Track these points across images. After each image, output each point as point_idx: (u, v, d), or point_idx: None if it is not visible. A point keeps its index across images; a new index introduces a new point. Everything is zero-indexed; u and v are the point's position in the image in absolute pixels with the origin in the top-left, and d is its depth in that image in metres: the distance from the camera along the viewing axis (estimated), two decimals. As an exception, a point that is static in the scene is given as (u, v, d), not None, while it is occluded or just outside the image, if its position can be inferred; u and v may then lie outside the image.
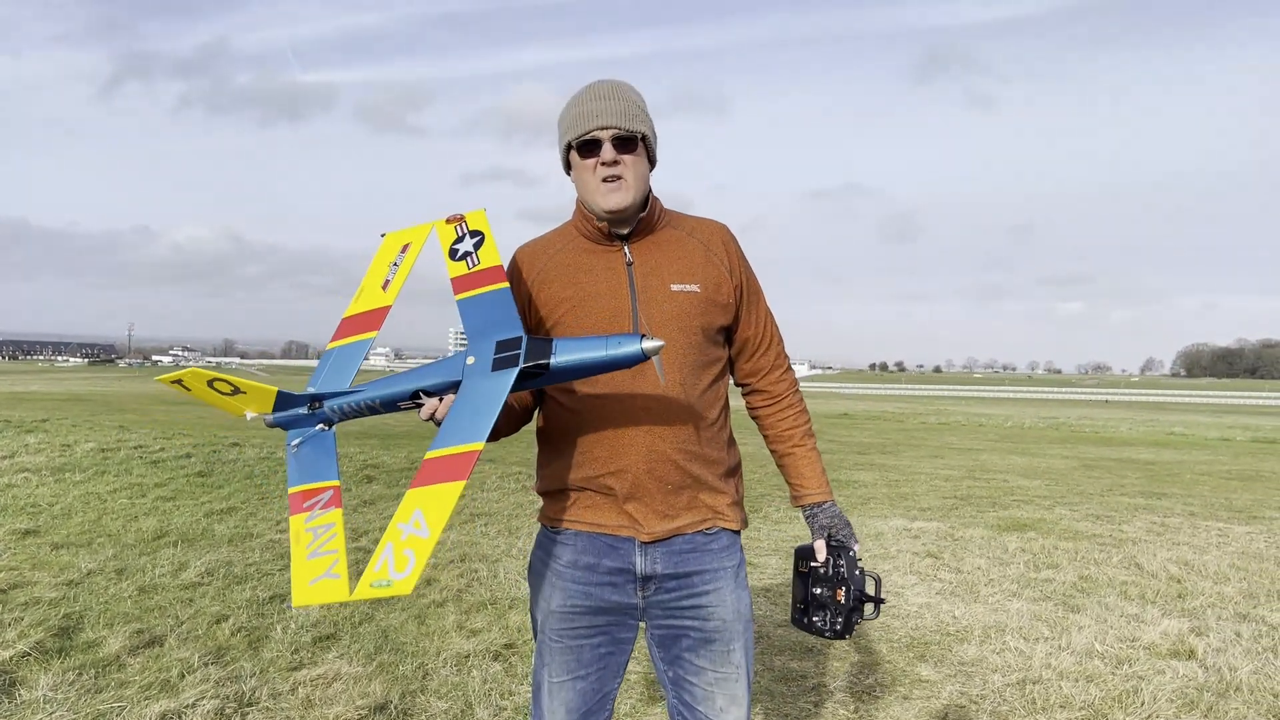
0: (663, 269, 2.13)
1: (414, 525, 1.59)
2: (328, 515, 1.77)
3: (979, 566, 6.61)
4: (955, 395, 62.37)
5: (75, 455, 11.31)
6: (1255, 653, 4.72)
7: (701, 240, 2.20)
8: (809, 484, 2.23)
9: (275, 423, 2.06)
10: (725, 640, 2.13)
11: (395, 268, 2.18)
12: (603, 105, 2.08)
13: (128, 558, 6.16)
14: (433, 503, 1.62)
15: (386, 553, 1.56)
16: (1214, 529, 8.50)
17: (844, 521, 2.20)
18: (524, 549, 6.78)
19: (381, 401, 2.01)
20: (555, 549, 2.17)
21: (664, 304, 2.10)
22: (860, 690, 4.18)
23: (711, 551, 2.14)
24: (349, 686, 4.01)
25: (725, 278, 2.17)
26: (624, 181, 2.08)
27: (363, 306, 2.16)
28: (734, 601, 2.15)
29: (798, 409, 2.28)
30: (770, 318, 2.28)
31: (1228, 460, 16.62)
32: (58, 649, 4.31)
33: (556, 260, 2.18)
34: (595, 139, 2.07)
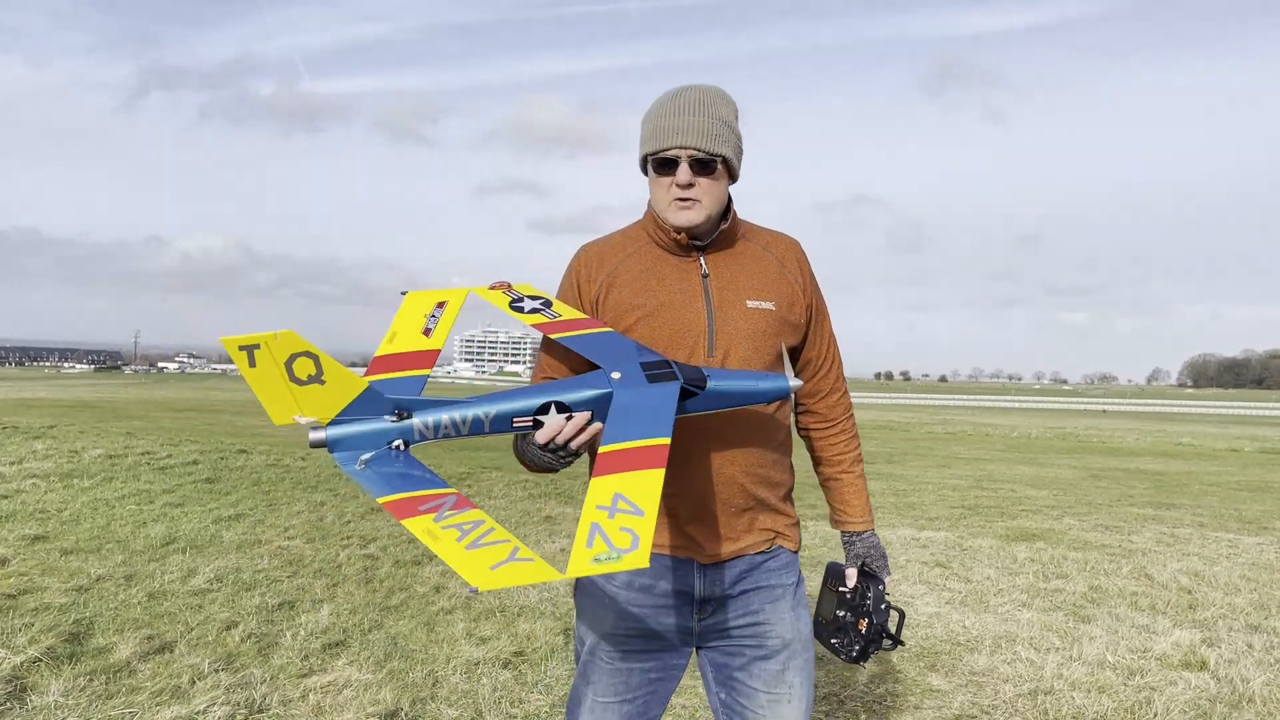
0: (739, 283, 2.06)
1: (619, 506, 1.51)
2: (468, 515, 1.60)
3: (988, 576, 6.59)
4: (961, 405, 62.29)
5: (83, 461, 11.33)
6: (1267, 664, 4.70)
7: (776, 256, 2.13)
8: (852, 511, 2.20)
9: (334, 439, 1.72)
10: (781, 660, 2.08)
11: (434, 319, 2.08)
12: (686, 121, 1.96)
13: (136, 564, 6.17)
14: (634, 486, 1.55)
15: (595, 531, 1.47)
16: (1224, 540, 8.46)
17: (880, 552, 2.18)
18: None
19: (496, 417, 1.78)
20: None
21: (739, 320, 2.02)
22: (871, 700, 4.17)
23: (770, 570, 2.10)
24: (359, 693, 4.01)
25: (799, 296, 2.11)
26: (696, 203, 1.99)
27: (402, 348, 2.01)
28: (792, 621, 2.10)
29: (850, 434, 2.24)
30: (834, 340, 2.23)
31: (1236, 471, 16.56)
32: (68, 655, 4.31)
33: (628, 265, 2.08)
34: (673, 158, 1.98)
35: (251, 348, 1.61)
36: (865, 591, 2.12)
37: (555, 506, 9.22)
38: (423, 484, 1.67)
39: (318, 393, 1.68)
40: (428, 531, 1.54)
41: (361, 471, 1.70)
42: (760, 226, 2.19)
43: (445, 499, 1.63)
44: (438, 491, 1.65)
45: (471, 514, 1.59)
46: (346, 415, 1.72)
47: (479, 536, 1.53)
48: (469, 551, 1.50)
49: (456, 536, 1.53)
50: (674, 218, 2.00)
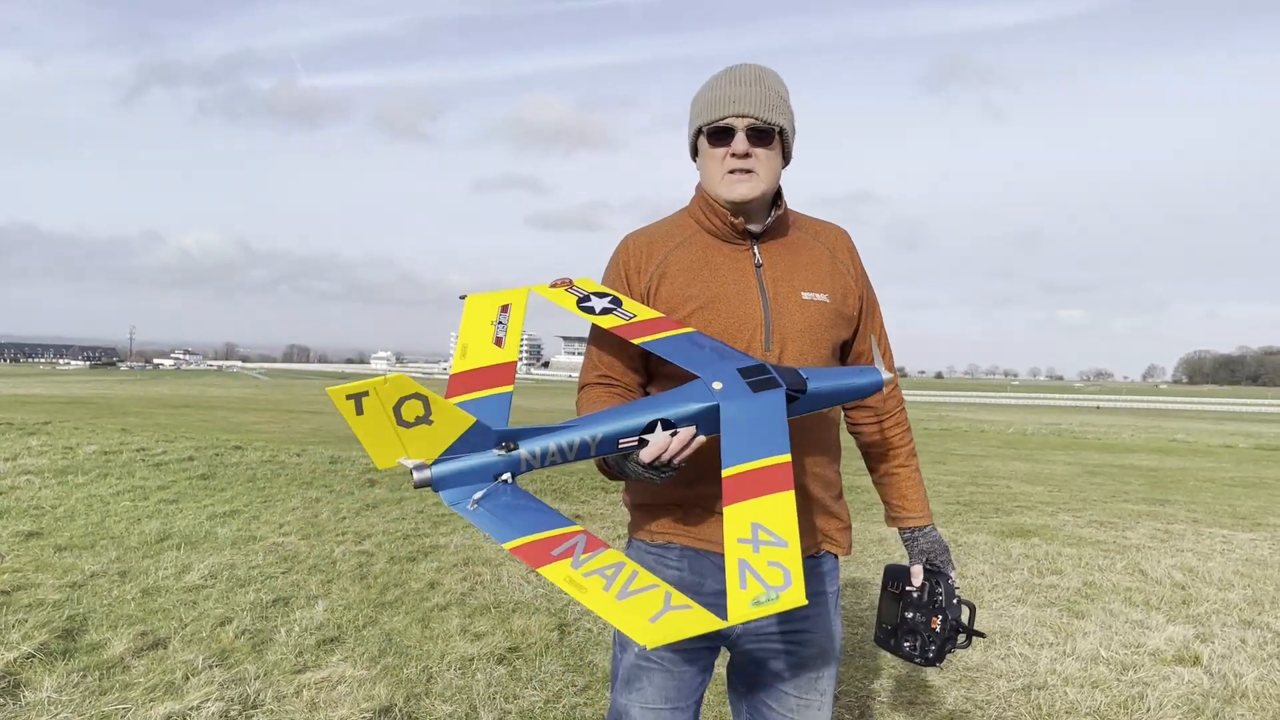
0: (794, 275, 1.98)
1: (760, 537, 1.46)
2: (603, 557, 1.53)
3: (983, 572, 6.60)
4: (957, 401, 62.37)
5: (77, 458, 11.31)
6: (1260, 659, 4.71)
7: (827, 246, 2.07)
8: (912, 506, 2.12)
9: (439, 477, 1.65)
10: (816, 667, 2.04)
11: (502, 325, 2.00)
12: (742, 91, 1.91)
13: (131, 560, 6.16)
14: (770, 514, 1.50)
15: (745, 568, 1.42)
16: (1218, 535, 8.49)
17: (943, 546, 2.11)
18: (527, 553, 6.76)
19: (602, 440, 1.72)
20: (656, 564, 2.01)
21: (795, 313, 1.95)
22: (865, 695, 4.17)
23: (817, 575, 2.05)
24: (353, 689, 4.01)
25: (852, 288, 2.05)
26: (754, 175, 1.91)
27: (478, 363, 1.92)
28: (831, 629, 2.07)
29: (904, 427, 2.17)
30: (885, 331, 2.16)
31: (1230, 467, 16.60)
32: (62, 651, 4.31)
33: (679, 254, 2.00)
34: (729, 126, 1.91)
35: (359, 395, 1.54)
36: (935, 588, 2.04)
37: (551, 503, 9.19)
38: (545, 523, 1.62)
39: (424, 433, 1.62)
40: (570, 581, 1.48)
41: (475, 512, 1.64)
42: (807, 215, 2.12)
43: (575, 539, 1.58)
44: (564, 531, 1.60)
45: (608, 555, 1.54)
46: (451, 452, 1.66)
47: (625, 583, 1.48)
48: (621, 602, 1.44)
49: (603, 585, 1.47)
50: (728, 191, 1.92)
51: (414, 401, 1.58)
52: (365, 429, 1.58)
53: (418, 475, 1.63)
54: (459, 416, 1.64)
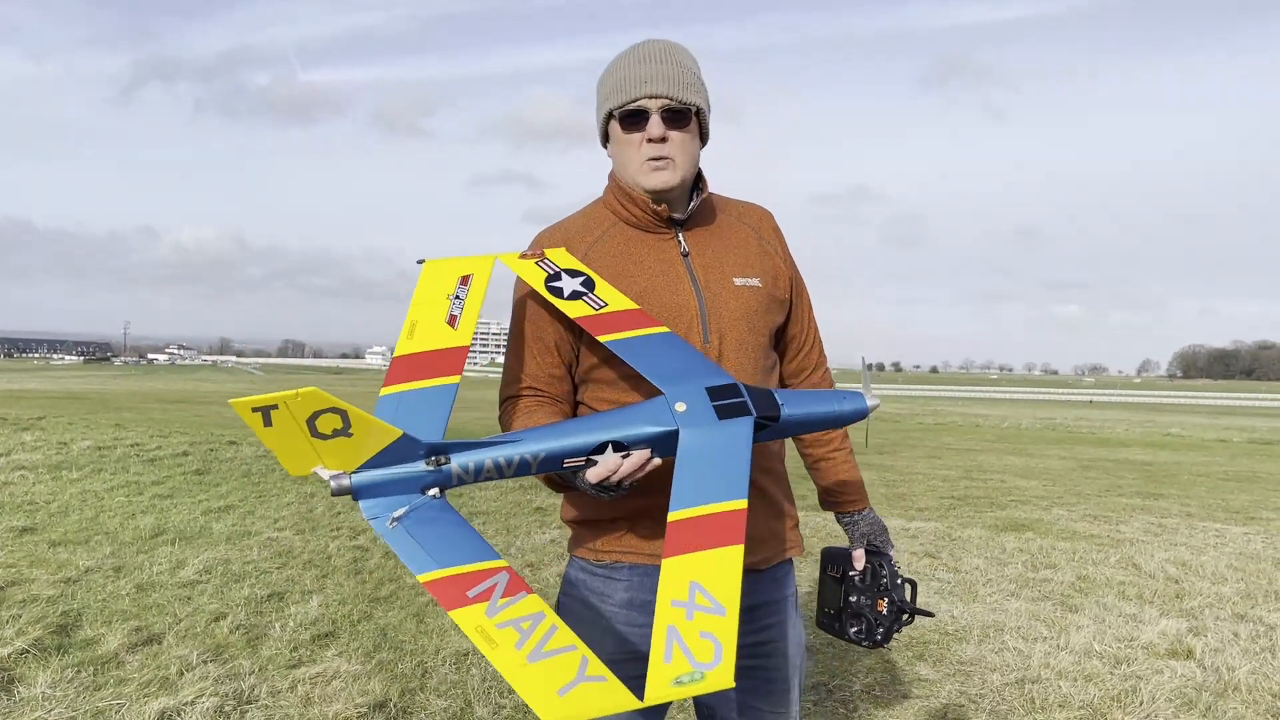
0: (723, 261, 1.87)
1: (697, 600, 1.33)
2: (522, 605, 1.37)
3: (977, 566, 6.61)
4: (952, 396, 62.46)
5: (72, 453, 11.30)
6: (1253, 653, 4.73)
7: (752, 227, 1.96)
8: (850, 490, 2.04)
9: (359, 486, 1.49)
10: (785, 677, 1.94)
11: (459, 301, 1.80)
12: (652, 69, 1.78)
13: (125, 555, 6.15)
14: (711, 573, 1.36)
15: (673, 638, 1.27)
16: (1211, 529, 8.51)
17: (882, 527, 2.04)
18: (522, 547, 6.77)
19: (546, 456, 1.57)
20: (604, 586, 1.87)
21: (730, 300, 1.84)
22: (860, 689, 4.18)
23: (774, 579, 1.95)
24: (348, 684, 4.01)
25: (781, 269, 1.95)
26: (671, 162, 1.79)
27: (426, 345, 1.73)
28: (795, 633, 1.98)
29: None
30: (813, 313, 2.06)
31: (1224, 461, 16.64)
32: (56, 646, 4.31)
33: (599, 250, 1.86)
34: (641, 109, 1.78)
35: (267, 409, 1.38)
36: (878, 570, 1.99)
37: (546, 498, 9.21)
38: (467, 554, 1.45)
39: (343, 445, 1.47)
40: (480, 631, 1.32)
41: (393, 531, 1.47)
42: (729, 197, 2.02)
43: (496, 578, 1.42)
44: (486, 566, 1.43)
45: (527, 603, 1.38)
46: (380, 461, 1.50)
47: (540, 640, 1.32)
48: (530, 665, 1.29)
49: (515, 641, 1.31)
50: (647, 180, 1.80)
51: (330, 415, 1.43)
52: (274, 440, 1.43)
53: (335, 484, 1.48)
54: (382, 430, 1.49)
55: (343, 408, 1.43)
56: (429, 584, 1.40)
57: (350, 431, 1.46)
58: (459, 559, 1.43)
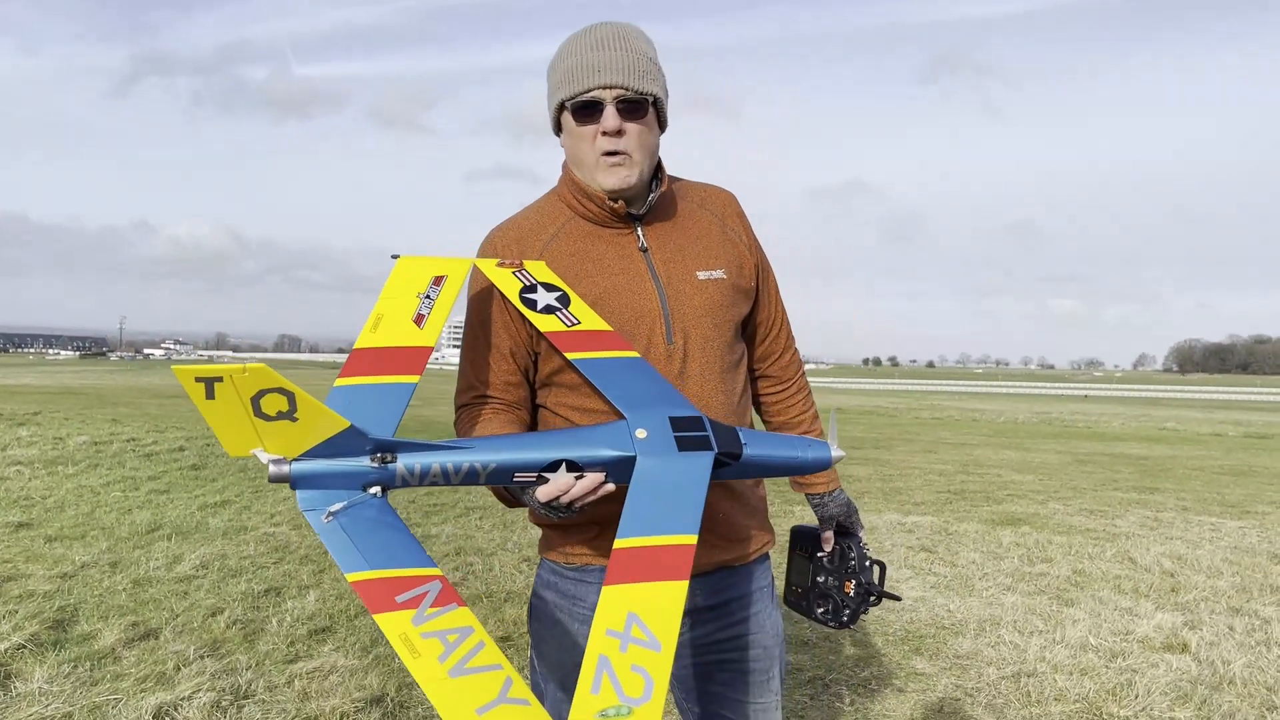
0: (685, 254, 1.80)
1: (633, 633, 1.28)
2: (451, 616, 1.31)
3: (973, 561, 6.63)
4: (949, 390, 62.53)
5: (68, 448, 11.28)
6: (1248, 646, 4.74)
7: (715, 214, 1.88)
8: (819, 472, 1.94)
9: (298, 475, 1.43)
10: (765, 667, 1.91)
11: (429, 301, 1.73)
12: (606, 57, 1.68)
13: (121, 551, 6.15)
14: (651, 606, 1.32)
15: (604, 668, 1.23)
16: (1207, 523, 8.53)
17: (852, 508, 2.00)
18: (519, 542, 6.77)
19: (497, 467, 1.51)
20: (575, 589, 1.83)
21: (693, 296, 1.77)
22: (856, 683, 4.19)
23: (749, 574, 1.92)
24: (345, 679, 4.01)
25: (746, 257, 1.87)
26: (628, 158, 1.71)
27: (389, 340, 1.66)
28: (772, 624, 1.94)
29: (806, 392, 2.04)
30: (779, 296, 2.00)
31: (1220, 455, 16.68)
32: (52, 642, 4.30)
33: (554, 249, 1.78)
34: (595, 100, 1.68)
35: (211, 380, 1.30)
36: (847, 551, 1.97)
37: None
38: (402, 558, 1.38)
39: (286, 429, 1.39)
40: (404, 639, 1.27)
41: (328, 526, 1.41)
42: (689, 181, 1.93)
43: (428, 585, 1.35)
44: (419, 572, 1.37)
45: (456, 615, 1.32)
46: (319, 452, 1.43)
47: (465, 655, 1.27)
48: (451, 680, 1.24)
49: (439, 654, 1.26)
50: (605, 179, 1.72)
51: (276, 395, 1.36)
52: (215, 415, 1.35)
53: (274, 469, 1.41)
54: (329, 418, 1.42)
55: (290, 389, 1.36)
56: (357, 584, 1.34)
57: (296, 416, 1.38)
58: (391, 562, 1.37)
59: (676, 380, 1.74)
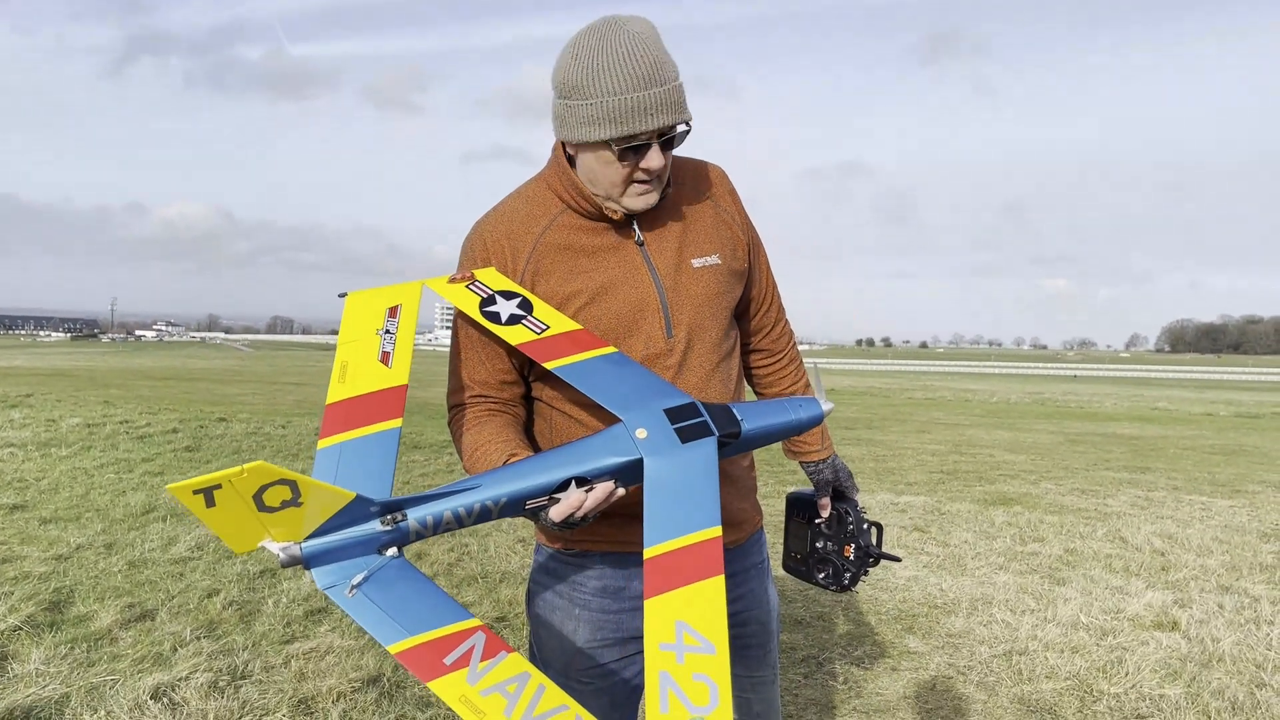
0: (680, 243, 1.77)
1: (685, 641, 1.28)
2: (505, 666, 1.29)
3: (966, 540, 6.67)
4: (942, 371, 62.66)
5: (61, 430, 11.26)
6: (1237, 624, 4.79)
7: (706, 194, 1.84)
8: (812, 440, 1.96)
9: (310, 555, 1.38)
10: (762, 641, 1.95)
11: (390, 336, 1.69)
12: (654, 97, 1.59)
13: (116, 532, 6.15)
14: (696, 610, 1.31)
15: (668, 684, 1.22)
16: (1197, 503, 8.59)
17: (847, 472, 2.01)
18: (513, 523, 6.79)
19: (508, 500, 1.49)
20: (575, 575, 1.84)
21: (691, 287, 1.75)
22: (850, 662, 4.22)
23: (743, 551, 1.94)
24: (341, 660, 4.03)
25: (739, 238, 1.85)
26: (658, 180, 1.70)
27: (360, 388, 1.62)
28: (767, 599, 1.97)
29: (797, 363, 2.04)
30: (770, 269, 1.98)
31: (1211, 435, 16.76)
32: (49, 623, 4.31)
33: (545, 242, 1.73)
34: (644, 143, 1.63)
35: (210, 489, 1.25)
36: (844, 516, 1.98)
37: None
38: (439, 616, 1.35)
39: (292, 515, 1.35)
40: (465, 700, 1.23)
41: (354, 600, 1.36)
42: (678, 156, 1.84)
43: (472, 640, 1.32)
44: (460, 628, 1.33)
45: (509, 664, 1.29)
46: (331, 525, 1.40)
47: (530, 703, 1.24)
48: None
49: (504, 708, 1.23)
50: (632, 202, 1.69)
51: (278, 488, 1.31)
52: (219, 520, 1.30)
53: (285, 555, 1.37)
54: (334, 494, 1.38)
55: (291, 478, 1.32)
56: (401, 654, 1.30)
57: (300, 501, 1.34)
58: (430, 624, 1.33)
59: (676, 372, 1.74)
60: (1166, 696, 3.86)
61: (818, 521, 2.02)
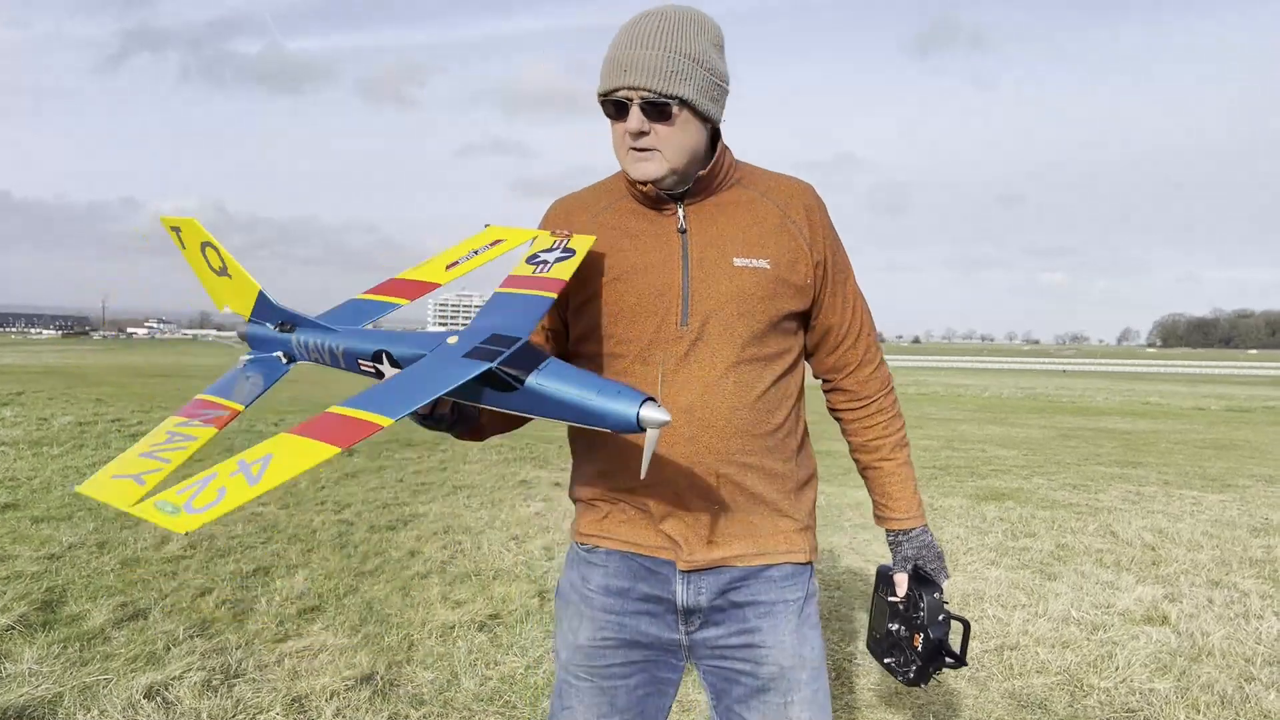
0: (726, 238, 1.73)
1: (252, 469, 1.28)
2: (198, 429, 1.52)
3: (958, 535, 6.69)
4: (934, 366, 62.76)
5: (52, 429, 11.24)
6: (1227, 618, 4.82)
7: (777, 204, 1.77)
8: (897, 505, 1.88)
9: (248, 336, 1.79)
10: (782, 691, 1.74)
11: (474, 255, 1.85)
12: (636, 55, 1.62)
13: (109, 531, 6.14)
14: (291, 457, 1.31)
15: (203, 482, 1.25)
16: (1188, 497, 8.63)
17: (935, 553, 1.86)
18: (507, 520, 6.80)
19: (344, 352, 1.66)
20: (587, 570, 1.81)
21: (721, 282, 1.69)
22: (840, 659, 4.24)
23: (770, 581, 1.76)
24: (335, 658, 4.03)
25: (803, 252, 1.75)
26: (656, 153, 1.66)
27: (416, 275, 1.85)
28: (794, 644, 1.75)
29: (890, 413, 1.92)
30: (860, 302, 1.87)
31: (1202, 429, 16.84)
32: (41, 622, 4.31)
33: (599, 222, 1.78)
34: (622, 101, 1.64)
35: (177, 229, 1.77)
36: (918, 600, 1.81)
37: (531, 470, 9.25)
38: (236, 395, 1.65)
39: (230, 286, 1.76)
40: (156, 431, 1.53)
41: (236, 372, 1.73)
42: (766, 170, 1.83)
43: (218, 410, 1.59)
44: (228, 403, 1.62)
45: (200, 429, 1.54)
46: (256, 317, 1.79)
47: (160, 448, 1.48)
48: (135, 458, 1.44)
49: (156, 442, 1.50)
50: (632, 169, 1.69)
51: (211, 251, 1.75)
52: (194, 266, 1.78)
53: (238, 331, 1.79)
54: (247, 281, 1.76)
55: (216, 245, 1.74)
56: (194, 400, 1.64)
57: (228, 272, 1.77)
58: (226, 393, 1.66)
59: (680, 361, 1.69)
60: (1156, 690, 3.89)
61: (893, 600, 1.87)
